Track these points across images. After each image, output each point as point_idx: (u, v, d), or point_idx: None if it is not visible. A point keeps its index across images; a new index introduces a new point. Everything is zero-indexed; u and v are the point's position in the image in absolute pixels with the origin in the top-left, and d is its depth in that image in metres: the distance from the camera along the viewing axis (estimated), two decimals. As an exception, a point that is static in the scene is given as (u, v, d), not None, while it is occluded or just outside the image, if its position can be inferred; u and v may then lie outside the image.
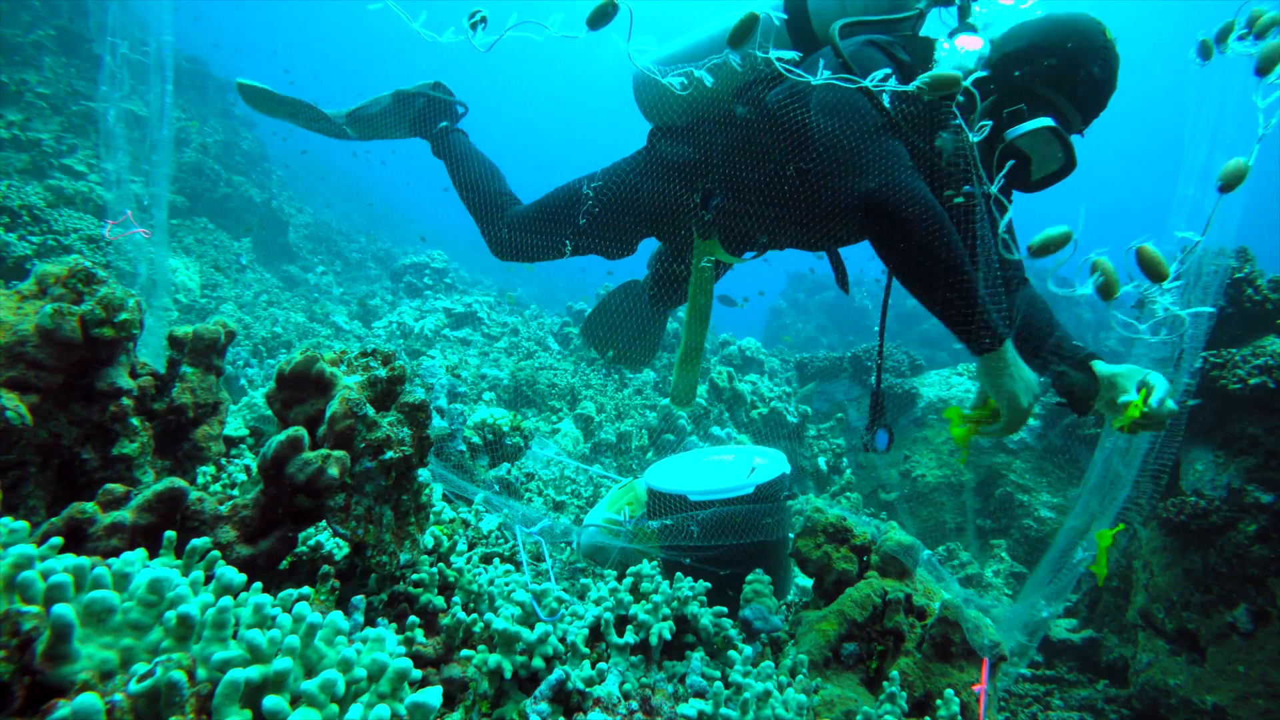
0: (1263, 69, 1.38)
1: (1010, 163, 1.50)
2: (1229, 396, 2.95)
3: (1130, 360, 1.62)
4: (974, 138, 1.42)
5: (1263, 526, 2.75)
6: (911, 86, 1.42)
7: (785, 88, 1.72)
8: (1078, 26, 1.50)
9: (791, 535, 2.06)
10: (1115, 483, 1.73)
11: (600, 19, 1.58)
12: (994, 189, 1.44)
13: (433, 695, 0.86)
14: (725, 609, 1.57)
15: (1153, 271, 1.34)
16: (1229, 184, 1.36)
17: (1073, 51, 1.48)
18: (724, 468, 2.33)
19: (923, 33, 1.72)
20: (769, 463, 2.21)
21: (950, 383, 5.53)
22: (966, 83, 1.40)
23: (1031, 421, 4.04)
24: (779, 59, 1.51)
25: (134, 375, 1.51)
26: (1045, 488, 4.48)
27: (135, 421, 1.47)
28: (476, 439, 2.81)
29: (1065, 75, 1.49)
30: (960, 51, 1.62)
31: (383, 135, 2.41)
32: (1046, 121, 1.47)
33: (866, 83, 1.45)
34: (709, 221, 1.91)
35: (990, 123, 1.43)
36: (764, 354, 6.75)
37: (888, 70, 1.45)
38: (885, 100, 1.49)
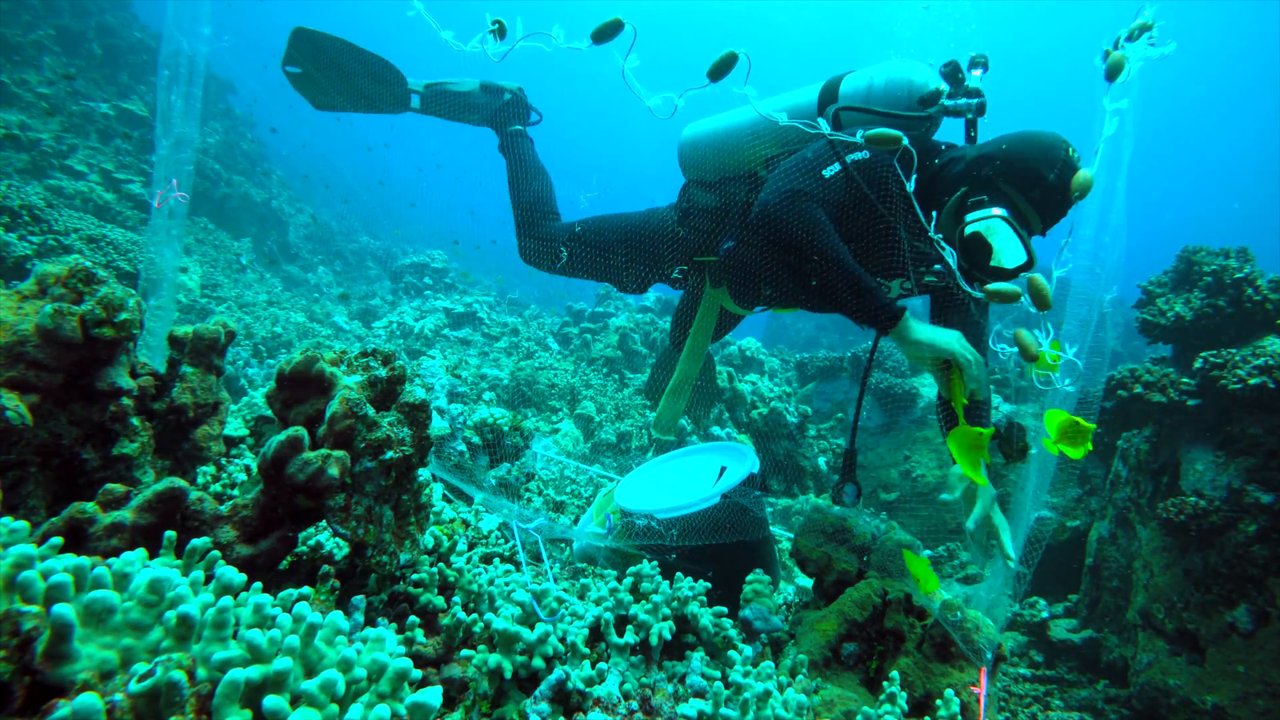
0: (1110, 74, 1.55)
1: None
2: (1229, 396, 2.95)
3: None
4: (910, 186, 1.65)
5: (1263, 526, 2.75)
6: (855, 137, 1.63)
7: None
8: (1042, 138, 1.67)
9: (790, 534, 2.07)
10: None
11: (604, 35, 1.63)
12: (937, 234, 1.66)
13: (433, 695, 0.86)
14: (725, 609, 1.57)
15: (1039, 301, 1.49)
16: (1079, 194, 1.54)
17: (1033, 157, 1.64)
18: (693, 472, 2.35)
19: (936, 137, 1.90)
20: (738, 462, 2.23)
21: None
22: (906, 141, 1.61)
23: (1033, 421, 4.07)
24: (754, 101, 1.70)
25: (134, 375, 1.51)
26: (1045, 488, 4.48)
27: (135, 421, 1.47)
28: (476, 439, 2.81)
29: (1024, 177, 1.64)
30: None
31: (452, 114, 2.54)
32: (1000, 211, 1.62)
33: (825, 133, 1.64)
34: (720, 267, 2.10)
35: (915, 177, 1.65)
36: (764, 354, 6.75)
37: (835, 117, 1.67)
38: (854, 157, 1.69)
